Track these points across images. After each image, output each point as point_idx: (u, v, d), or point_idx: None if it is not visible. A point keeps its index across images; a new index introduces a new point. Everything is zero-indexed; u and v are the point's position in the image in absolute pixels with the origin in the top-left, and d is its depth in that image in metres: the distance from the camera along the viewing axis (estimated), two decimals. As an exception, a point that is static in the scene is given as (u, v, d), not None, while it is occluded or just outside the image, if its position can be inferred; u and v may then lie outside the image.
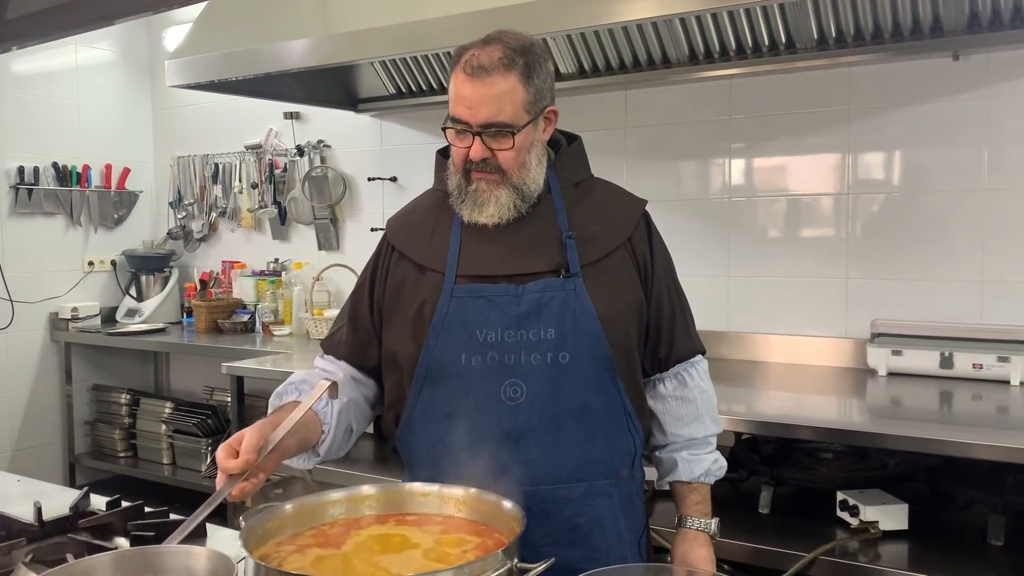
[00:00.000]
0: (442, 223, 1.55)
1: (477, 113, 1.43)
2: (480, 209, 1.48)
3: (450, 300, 1.47)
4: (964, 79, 2.70)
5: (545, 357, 1.44)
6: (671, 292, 1.61)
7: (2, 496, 1.89)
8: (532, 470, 1.44)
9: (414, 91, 3.64)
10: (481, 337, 1.45)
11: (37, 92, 4.27)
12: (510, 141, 1.45)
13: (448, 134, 1.50)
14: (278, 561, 1.16)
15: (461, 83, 1.44)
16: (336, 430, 1.50)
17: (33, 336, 4.28)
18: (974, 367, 2.56)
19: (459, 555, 1.18)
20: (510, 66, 1.43)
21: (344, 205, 4.10)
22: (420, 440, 1.51)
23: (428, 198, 1.65)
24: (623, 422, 1.51)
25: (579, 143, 1.63)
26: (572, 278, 1.47)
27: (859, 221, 2.93)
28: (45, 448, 4.34)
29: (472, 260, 1.50)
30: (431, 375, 1.48)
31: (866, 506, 2.17)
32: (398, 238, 1.59)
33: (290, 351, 3.60)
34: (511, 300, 1.46)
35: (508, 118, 1.44)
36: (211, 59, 3.14)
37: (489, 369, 1.44)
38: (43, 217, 4.29)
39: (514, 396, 1.44)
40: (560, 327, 1.45)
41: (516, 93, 1.44)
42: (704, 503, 1.63)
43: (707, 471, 1.62)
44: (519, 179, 1.48)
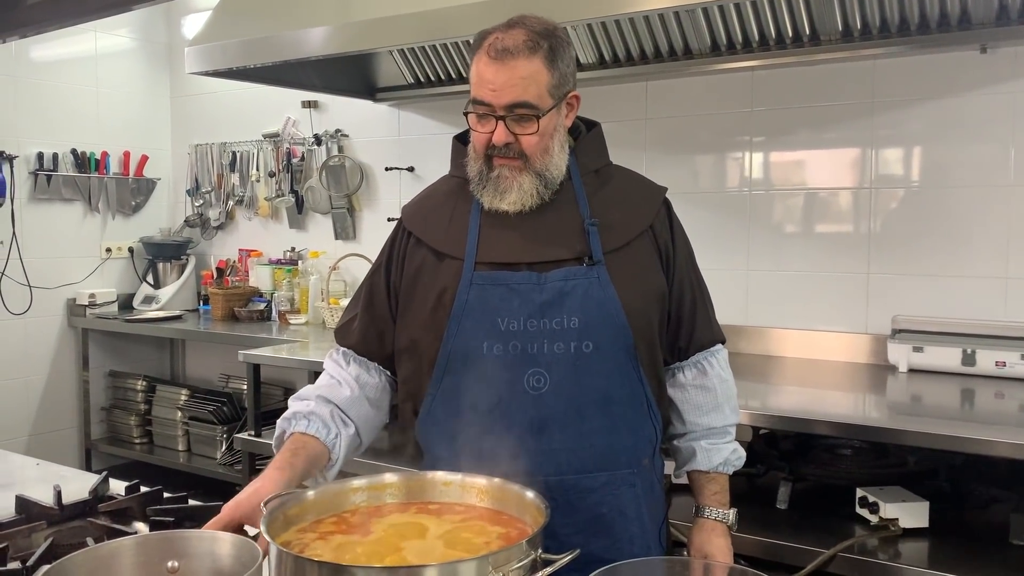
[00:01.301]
0: (460, 209, 1.53)
1: (501, 95, 1.41)
2: (502, 196, 1.46)
3: (470, 288, 1.45)
4: (992, 73, 2.67)
5: (568, 346, 1.42)
6: (692, 280, 1.59)
7: (21, 479, 1.90)
8: (555, 460, 1.43)
9: (432, 81, 3.63)
10: (503, 326, 1.43)
11: (57, 79, 4.28)
12: (534, 125, 1.43)
13: (470, 119, 1.47)
14: (300, 548, 1.15)
15: (485, 66, 1.42)
16: (344, 457, 1.52)
17: (51, 322, 4.31)
18: (997, 365, 2.53)
19: (481, 545, 1.17)
20: (535, 49, 1.41)
21: (361, 195, 4.10)
22: (441, 431, 1.49)
23: (444, 184, 1.62)
24: (644, 411, 1.50)
25: (598, 129, 1.61)
26: (595, 266, 1.45)
27: (880, 216, 2.90)
28: (62, 433, 4.36)
29: (492, 247, 1.48)
30: (452, 365, 1.46)
31: (886, 503, 2.15)
32: (414, 224, 1.57)
33: (306, 340, 3.60)
34: (533, 288, 1.44)
35: (533, 100, 1.41)
36: (230, 46, 3.13)
37: (511, 358, 1.43)
38: (62, 203, 4.31)
39: (537, 386, 1.42)
40: (584, 316, 1.43)
41: (540, 76, 1.42)
42: (722, 493, 1.61)
43: (726, 460, 1.60)
44: (542, 165, 1.46)
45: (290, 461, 1.42)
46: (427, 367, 1.49)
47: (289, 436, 1.48)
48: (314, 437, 1.47)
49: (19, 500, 1.60)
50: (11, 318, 4.10)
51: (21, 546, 1.44)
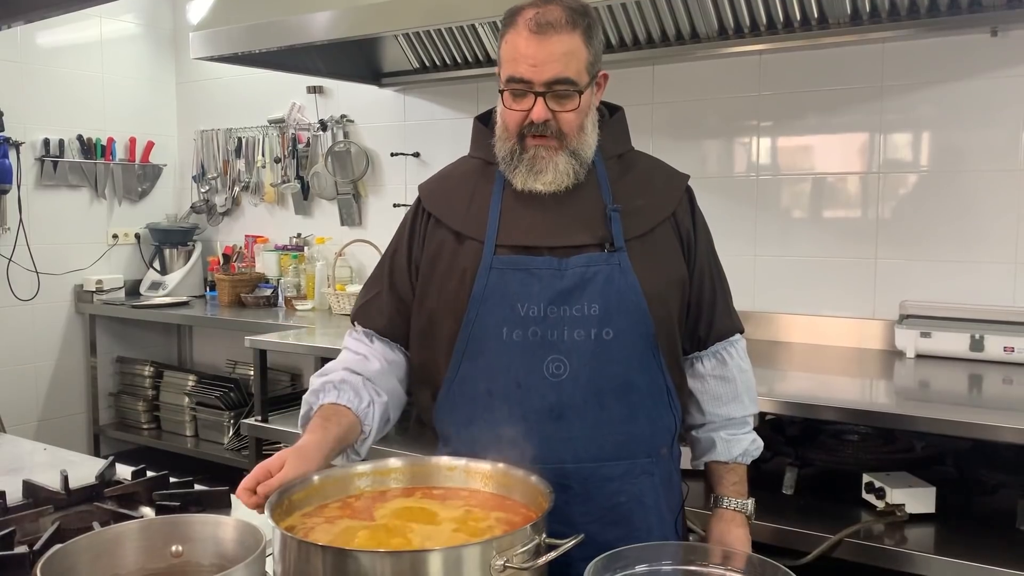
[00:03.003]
0: (481, 190, 1.50)
1: (542, 71, 1.37)
2: (537, 176, 1.43)
3: (490, 271, 1.43)
4: (1002, 56, 2.64)
5: (589, 333, 1.41)
6: (712, 269, 1.58)
7: (29, 464, 1.91)
8: (574, 447, 1.41)
9: (438, 65, 3.61)
10: (523, 311, 1.41)
11: (62, 65, 4.27)
12: (575, 101, 1.41)
13: (505, 98, 1.43)
14: (304, 532, 1.15)
15: (525, 41, 1.38)
16: (377, 430, 1.48)
17: (58, 308, 4.32)
18: (1005, 350, 2.52)
19: (485, 530, 1.17)
20: (575, 25, 1.39)
21: (367, 180, 4.09)
22: (459, 416, 1.47)
23: (463, 165, 1.59)
24: (664, 399, 1.48)
25: (622, 114, 1.59)
26: (617, 252, 1.43)
27: (889, 201, 2.88)
28: (70, 419, 4.39)
29: (513, 230, 1.45)
30: (471, 349, 1.43)
31: (892, 489, 2.15)
32: (433, 203, 1.54)
33: (312, 325, 3.60)
34: (554, 274, 1.41)
35: (573, 76, 1.39)
36: (235, 31, 3.12)
37: (531, 344, 1.40)
38: (68, 190, 4.31)
39: (556, 372, 1.40)
40: (604, 303, 1.41)
41: (580, 52, 1.39)
42: (741, 483, 1.60)
43: (745, 451, 1.59)
44: (577, 143, 1.43)
45: (323, 426, 1.38)
46: (445, 351, 1.46)
47: (317, 410, 1.43)
48: (346, 407, 1.43)
49: (26, 485, 1.61)
50: (19, 304, 4.12)
51: (28, 530, 1.45)
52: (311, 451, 1.31)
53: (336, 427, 1.39)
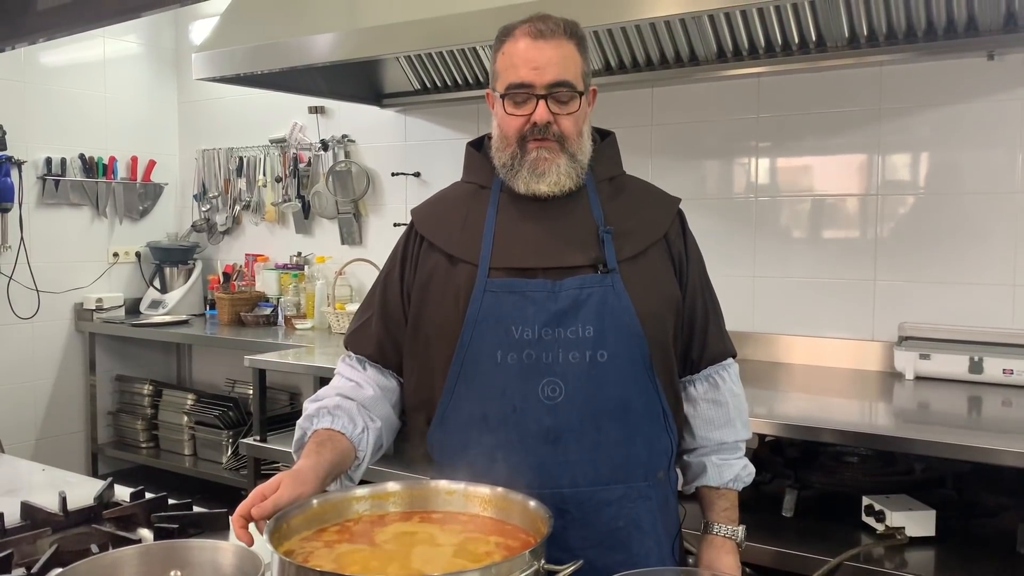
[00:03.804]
0: (474, 213, 1.51)
1: (544, 73, 1.40)
2: (539, 178, 1.44)
3: (484, 295, 1.43)
4: (999, 79, 2.66)
5: (584, 355, 1.40)
6: (704, 292, 1.58)
7: (27, 485, 1.90)
8: (571, 472, 1.40)
9: (439, 87, 3.64)
10: (517, 334, 1.41)
11: (65, 84, 4.30)
12: (575, 104, 1.43)
13: (505, 104, 1.44)
14: (303, 556, 1.15)
15: (525, 47, 1.42)
16: (370, 456, 1.48)
17: (58, 326, 4.32)
18: (1004, 372, 2.52)
19: (484, 555, 1.17)
20: (570, 34, 1.44)
21: (367, 200, 4.11)
22: (454, 441, 1.46)
23: (456, 190, 1.60)
24: (661, 422, 1.48)
25: (613, 138, 1.60)
26: (610, 274, 1.43)
27: (887, 222, 2.89)
28: (68, 437, 4.38)
29: (506, 252, 1.46)
30: (465, 373, 1.43)
31: (892, 511, 2.14)
32: (427, 227, 1.54)
33: (312, 345, 3.60)
34: (548, 296, 1.42)
35: (572, 79, 1.42)
36: (237, 52, 3.14)
37: (525, 367, 1.40)
38: (69, 208, 4.33)
39: (552, 395, 1.40)
40: (599, 325, 1.41)
41: (577, 59, 1.44)
42: (732, 509, 1.58)
43: (736, 477, 1.58)
44: (576, 147, 1.46)
45: (317, 450, 1.37)
46: (440, 375, 1.46)
47: (311, 435, 1.43)
48: (340, 433, 1.43)
49: (24, 506, 1.61)
50: (19, 322, 4.12)
51: (26, 552, 1.44)
52: (306, 474, 1.30)
53: (331, 452, 1.38)
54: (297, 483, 1.26)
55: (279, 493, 1.22)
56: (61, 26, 2.08)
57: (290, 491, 1.24)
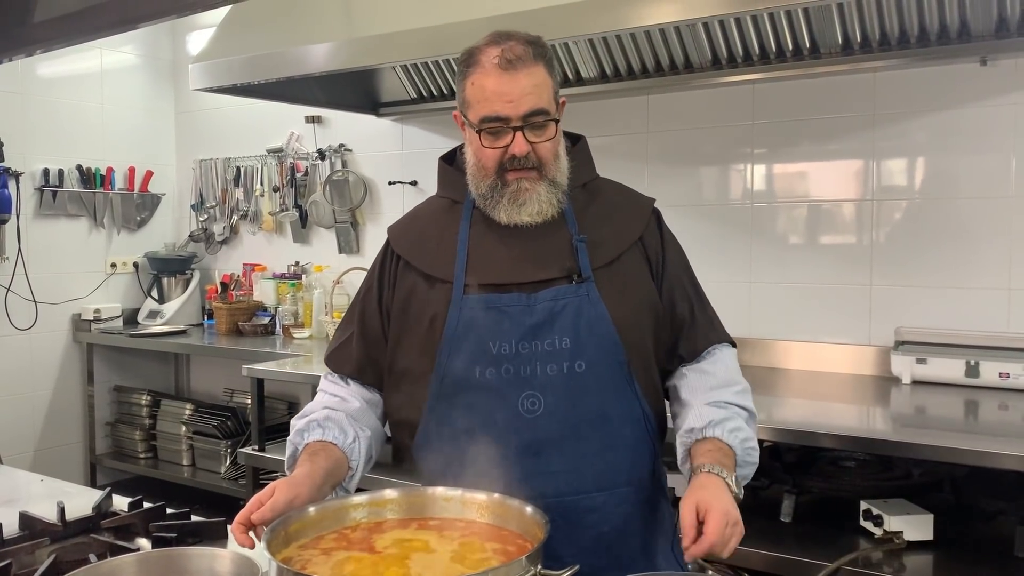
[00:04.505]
0: (448, 231, 1.51)
1: (519, 105, 1.39)
2: (520, 208, 1.44)
3: (460, 312, 1.44)
4: (992, 85, 2.67)
5: (561, 367, 1.41)
6: (687, 287, 1.55)
7: (25, 495, 1.90)
8: (554, 482, 1.41)
9: (435, 95, 3.65)
10: (495, 349, 1.41)
11: (63, 95, 4.31)
12: (550, 130, 1.43)
13: (482, 137, 1.43)
14: (301, 564, 1.15)
15: (496, 80, 1.39)
16: (363, 466, 1.49)
17: (56, 337, 4.32)
18: (1000, 376, 2.52)
19: (482, 560, 1.17)
20: (538, 57, 1.41)
21: (364, 209, 4.11)
22: (437, 456, 1.47)
23: (431, 205, 1.61)
24: (642, 427, 1.47)
25: (584, 142, 1.59)
26: (585, 283, 1.44)
27: (883, 228, 2.90)
28: (67, 448, 4.37)
29: (481, 269, 1.46)
30: (445, 390, 1.44)
31: (890, 516, 2.15)
32: (402, 246, 1.55)
33: (310, 354, 3.60)
34: (524, 310, 1.42)
35: (547, 106, 1.41)
36: (234, 63, 3.16)
37: (505, 382, 1.41)
38: (67, 219, 4.33)
39: (532, 409, 1.40)
40: (575, 335, 1.41)
41: (547, 83, 1.42)
42: (719, 453, 1.38)
43: (721, 424, 1.41)
44: (555, 171, 1.45)
45: (311, 459, 1.38)
46: (421, 393, 1.47)
47: (303, 448, 1.44)
48: (332, 443, 1.44)
49: (23, 516, 1.61)
50: (16, 333, 4.12)
51: (24, 563, 1.44)
52: (301, 479, 1.32)
53: (325, 461, 1.40)
54: (292, 486, 1.28)
55: (275, 497, 1.24)
56: (58, 38, 2.09)
57: (285, 494, 1.25)
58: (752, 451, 1.45)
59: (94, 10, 1.89)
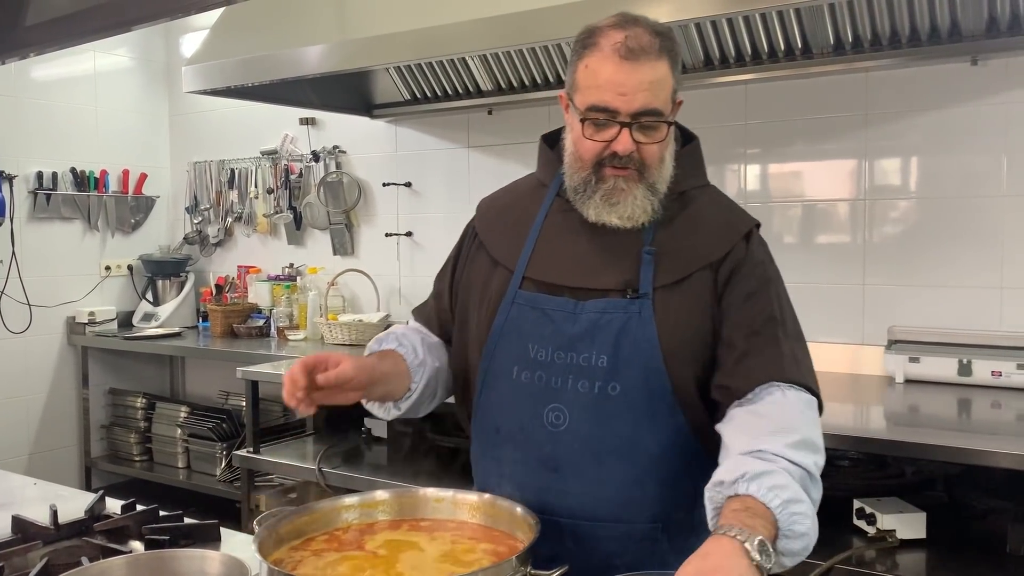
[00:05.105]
0: (526, 215, 1.44)
1: (631, 101, 1.27)
2: (612, 209, 1.33)
3: (511, 306, 1.38)
4: (983, 84, 2.68)
5: (592, 386, 1.31)
6: (754, 315, 1.34)
7: (19, 499, 1.90)
8: (568, 502, 1.33)
9: (429, 97, 3.65)
10: (532, 353, 1.35)
11: (56, 98, 4.31)
12: (661, 133, 1.32)
13: (585, 127, 1.32)
14: (292, 565, 1.16)
15: (614, 68, 1.27)
16: (422, 392, 1.46)
17: (50, 340, 4.32)
18: (993, 375, 2.53)
19: (473, 561, 1.18)
20: (662, 51, 1.29)
21: (359, 210, 4.12)
22: (477, 446, 1.47)
23: (525, 183, 1.53)
24: (681, 464, 1.33)
25: (695, 145, 1.48)
26: (639, 300, 1.32)
27: (876, 227, 2.91)
28: (62, 451, 4.36)
29: (542, 264, 1.39)
30: (488, 381, 1.40)
31: (883, 514, 2.15)
32: (482, 223, 1.51)
33: (304, 356, 3.60)
34: (567, 317, 1.34)
35: (661, 106, 1.30)
36: (228, 65, 3.16)
37: (535, 388, 1.35)
38: (61, 222, 4.33)
39: (555, 422, 1.33)
40: (614, 354, 1.31)
41: (667, 81, 1.31)
42: (747, 515, 1.09)
43: (760, 483, 1.12)
44: (656, 176, 1.34)
45: (378, 356, 1.41)
46: (474, 377, 1.44)
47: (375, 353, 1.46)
48: (401, 357, 1.43)
49: (15, 520, 1.60)
50: (11, 337, 4.11)
51: (17, 566, 1.44)
52: (365, 364, 1.34)
53: (390, 365, 1.41)
54: (362, 366, 1.30)
55: (343, 367, 1.26)
56: (51, 41, 2.09)
57: (354, 369, 1.28)
58: (800, 519, 1.12)
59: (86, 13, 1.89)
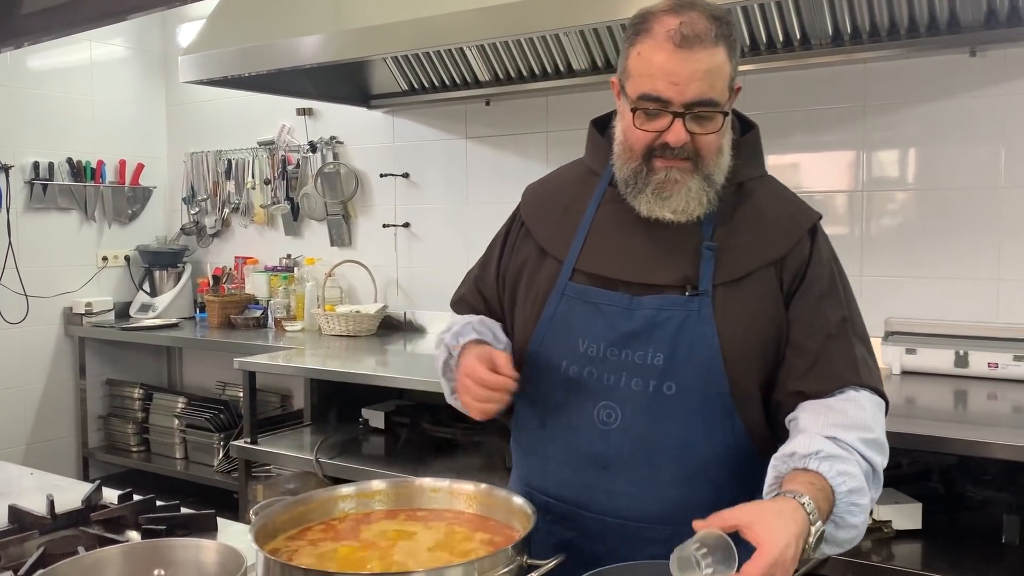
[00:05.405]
0: (577, 204, 1.39)
1: (684, 91, 1.22)
2: (665, 202, 1.27)
3: (561, 299, 1.34)
4: (981, 76, 2.68)
5: (647, 384, 1.27)
6: (828, 317, 1.31)
7: (16, 489, 1.90)
8: (616, 503, 1.30)
9: (426, 87, 3.64)
10: (582, 348, 1.31)
11: (52, 88, 4.29)
12: (716, 123, 1.25)
13: (635, 116, 1.26)
14: (288, 555, 1.16)
15: (667, 55, 1.21)
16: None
17: (47, 331, 4.31)
18: (989, 366, 2.54)
19: (469, 551, 1.18)
20: (719, 38, 1.23)
21: (356, 201, 4.11)
22: (518, 439, 1.44)
23: (572, 171, 1.48)
24: (734, 467, 1.29)
25: (755, 134, 1.41)
26: (698, 297, 1.27)
27: (873, 219, 2.90)
28: (59, 442, 4.37)
29: (594, 255, 1.34)
30: (534, 375, 1.36)
31: (879, 505, 2.16)
32: (528, 211, 1.46)
33: (302, 347, 3.60)
34: (622, 312, 1.29)
35: (717, 96, 1.24)
36: (224, 55, 3.14)
37: (585, 385, 1.30)
38: (57, 212, 4.32)
39: (607, 420, 1.29)
40: (671, 353, 1.26)
41: (724, 69, 1.24)
42: (814, 488, 1.11)
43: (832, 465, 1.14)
44: (712, 166, 1.27)
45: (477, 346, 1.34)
46: (519, 368, 1.36)
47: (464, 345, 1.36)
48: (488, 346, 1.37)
49: (12, 509, 1.60)
50: (7, 327, 4.11)
51: (13, 555, 1.44)
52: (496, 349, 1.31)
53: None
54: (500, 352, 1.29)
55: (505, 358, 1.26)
56: (46, 30, 2.08)
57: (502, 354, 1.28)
58: (855, 510, 1.15)
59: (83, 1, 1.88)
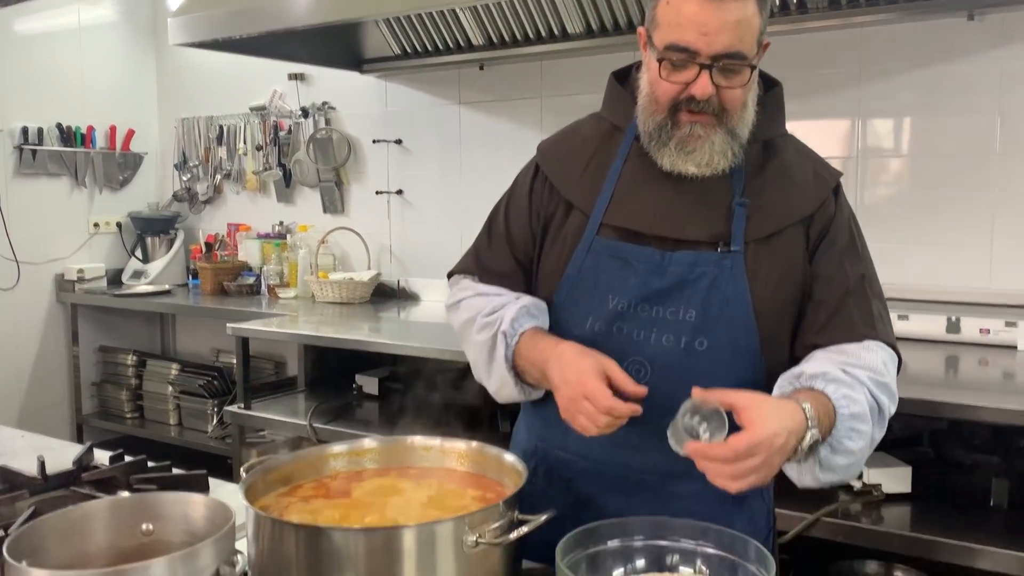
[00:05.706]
0: (601, 158, 1.37)
1: (713, 41, 1.20)
2: (689, 156, 1.27)
3: (587, 253, 1.32)
4: (978, 40, 2.65)
5: (679, 340, 1.27)
6: (847, 273, 1.33)
7: (7, 450, 1.90)
8: (642, 458, 1.32)
9: (419, 51, 3.60)
10: (611, 304, 1.30)
11: (40, 52, 4.23)
12: (743, 76, 1.24)
13: (661, 67, 1.24)
14: (278, 511, 1.16)
15: (697, 5, 1.19)
16: None
17: (39, 297, 4.29)
18: (981, 332, 2.55)
19: (461, 507, 1.18)
20: None
21: (349, 168, 4.08)
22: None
23: (590, 126, 1.45)
24: None
25: (779, 91, 1.41)
26: (731, 254, 1.27)
27: (868, 186, 2.89)
28: (52, 409, 4.37)
29: (622, 210, 1.32)
30: (558, 332, 1.34)
31: (869, 468, 2.17)
32: (550, 166, 1.42)
33: (295, 313, 3.59)
34: (653, 268, 1.29)
35: (745, 49, 1.22)
36: (214, 16, 3.10)
37: (613, 340, 1.29)
38: (48, 178, 4.28)
39: (636, 375, 1.26)
40: (703, 309, 1.27)
41: (754, 21, 1.22)
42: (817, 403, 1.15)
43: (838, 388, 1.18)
44: (737, 121, 1.27)
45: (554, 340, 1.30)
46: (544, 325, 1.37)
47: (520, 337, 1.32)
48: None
49: (2, 470, 1.60)
50: (-1, 293, 4.10)
51: (4, 515, 1.44)
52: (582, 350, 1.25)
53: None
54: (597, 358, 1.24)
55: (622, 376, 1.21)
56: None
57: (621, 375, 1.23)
58: (855, 435, 1.19)
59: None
